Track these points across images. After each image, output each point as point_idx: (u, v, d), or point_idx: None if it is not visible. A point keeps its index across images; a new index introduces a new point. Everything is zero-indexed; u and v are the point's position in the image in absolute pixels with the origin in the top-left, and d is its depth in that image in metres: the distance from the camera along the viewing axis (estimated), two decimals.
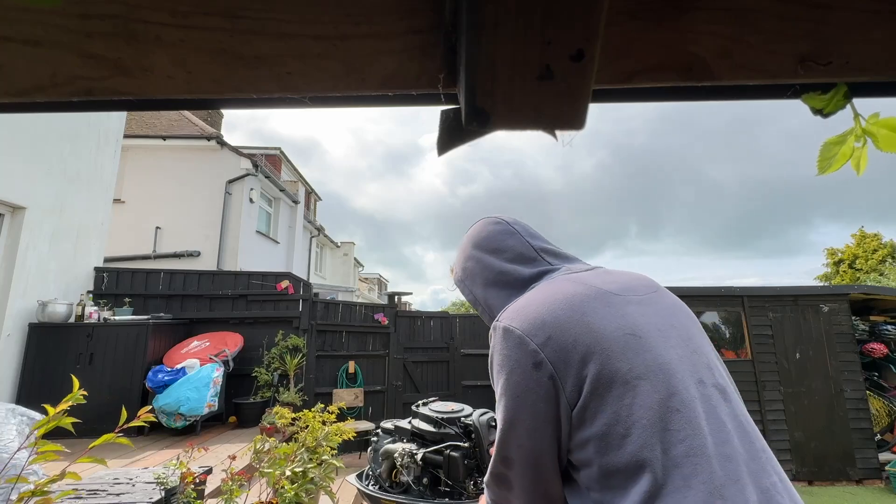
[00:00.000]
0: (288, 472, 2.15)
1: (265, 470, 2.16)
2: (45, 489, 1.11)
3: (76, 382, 1.18)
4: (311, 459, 2.27)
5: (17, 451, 1.08)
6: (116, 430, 1.19)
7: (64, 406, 1.12)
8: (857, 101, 0.38)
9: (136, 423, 1.27)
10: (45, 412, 1.11)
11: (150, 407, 1.39)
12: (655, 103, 0.41)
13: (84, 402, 1.15)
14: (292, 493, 2.14)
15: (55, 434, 1.10)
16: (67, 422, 1.12)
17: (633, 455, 0.60)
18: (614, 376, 0.64)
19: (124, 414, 1.26)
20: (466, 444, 1.29)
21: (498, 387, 0.71)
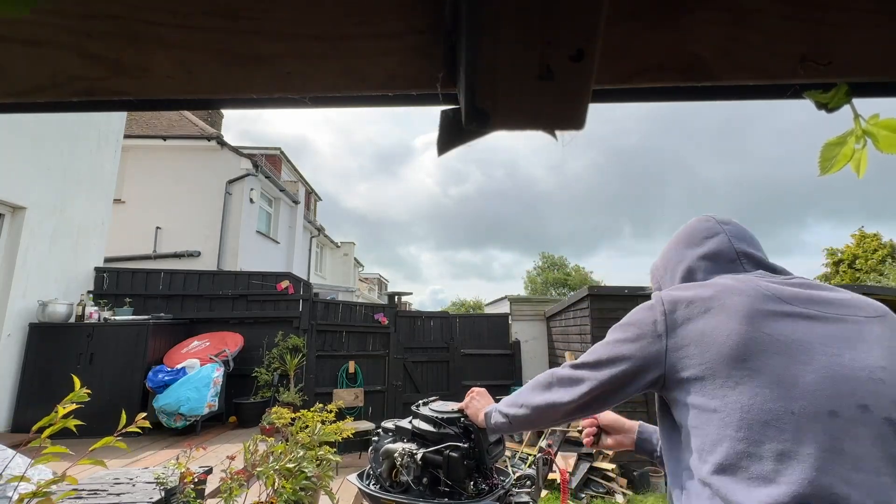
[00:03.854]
0: (277, 467, 2.15)
1: (257, 469, 2.16)
2: (47, 490, 1.11)
3: (77, 382, 1.18)
4: (305, 457, 2.27)
5: (21, 447, 1.08)
6: (115, 434, 1.19)
7: (70, 407, 1.12)
8: (856, 102, 0.38)
9: (131, 428, 1.26)
10: (44, 413, 1.11)
11: (144, 414, 1.39)
12: (652, 103, 0.41)
13: (88, 399, 1.15)
14: (290, 491, 2.14)
15: (56, 434, 1.10)
16: (72, 423, 1.12)
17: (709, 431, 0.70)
18: (720, 362, 0.69)
19: (123, 418, 1.26)
20: (466, 445, 1.29)
21: (618, 325, 0.85)
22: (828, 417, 0.62)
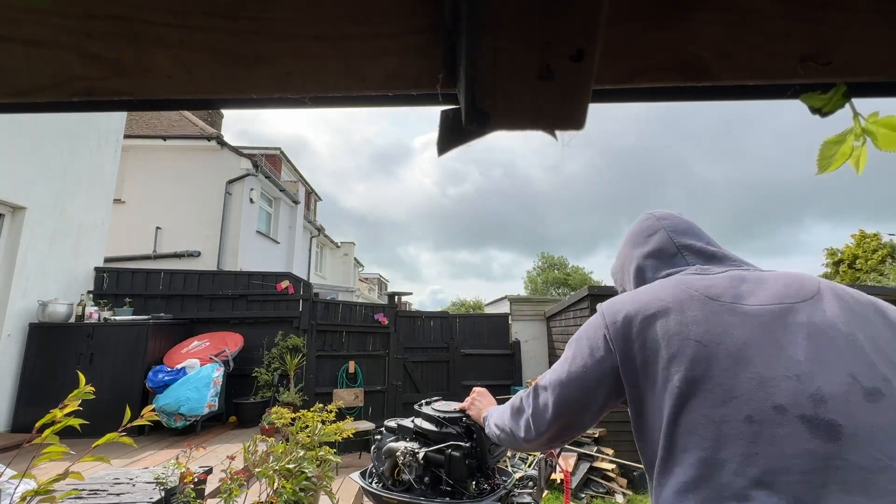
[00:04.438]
0: (277, 467, 2.15)
1: (257, 470, 2.16)
2: (49, 488, 1.11)
3: (83, 378, 1.17)
4: (305, 457, 2.27)
5: (25, 444, 1.08)
6: (120, 430, 1.19)
7: (74, 405, 1.12)
8: (856, 102, 0.38)
9: (139, 422, 1.27)
10: (45, 413, 1.11)
11: (153, 407, 1.39)
12: (651, 103, 0.41)
13: (93, 397, 1.15)
14: (290, 491, 2.14)
15: (57, 433, 1.10)
16: (76, 422, 1.12)
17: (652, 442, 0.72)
18: (659, 371, 0.70)
19: (128, 413, 1.26)
20: (468, 444, 1.29)
21: (571, 342, 0.86)
22: (744, 423, 0.62)
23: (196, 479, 2.29)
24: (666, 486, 0.66)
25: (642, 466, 0.78)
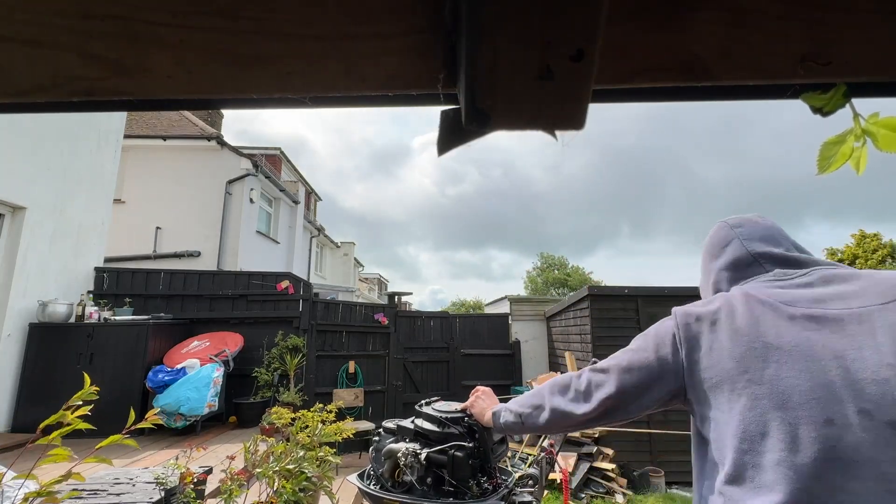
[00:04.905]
0: (277, 468, 2.15)
1: (257, 470, 2.16)
2: (51, 489, 1.11)
3: (87, 379, 1.17)
4: (305, 458, 2.27)
5: (28, 444, 1.08)
6: (124, 431, 1.19)
7: (83, 410, 1.11)
8: (856, 102, 0.38)
9: (143, 424, 1.26)
10: (45, 413, 1.11)
11: (157, 410, 1.39)
12: (650, 103, 0.41)
13: (97, 397, 1.15)
14: (290, 491, 2.14)
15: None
16: (84, 425, 1.12)
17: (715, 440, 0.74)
18: (726, 373, 0.72)
19: (132, 415, 1.26)
20: (470, 444, 1.29)
21: (639, 336, 0.88)
22: (824, 426, 0.62)
23: (196, 480, 2.29)
24: (741, 489, 0.67)
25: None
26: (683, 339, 0.79)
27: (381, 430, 1.50)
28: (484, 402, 1.27)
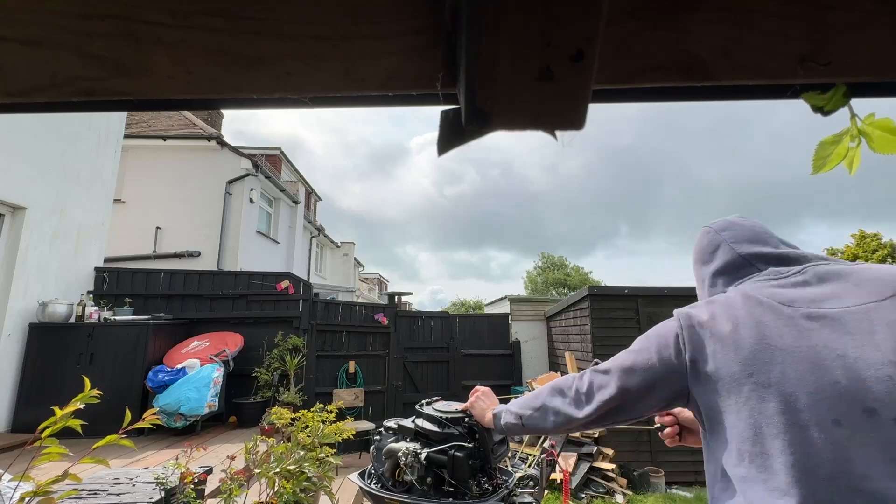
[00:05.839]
0: (278, 469, 2.15)
1: (257, 471, 2.16)
2: (48, 489, 1.11)
3: (87, 382, 1.17)
4: (306, 458, 2.27)
5: (26, 445, 1.08)
6: (120, 432, 1.19)
7: (75, 406, 1.12)
8: (856, 101, 0.38)
9: (140, 424, 1.27)
10: (44, 413, 1.11)
11: (156, 409, 1.39)
12: (649, 104, 0.41)
13: (98, 401, 1.15)
14: (290, 491, 2.14)
15: (57, 434, 1.10)
16: (76, 423, 1.12)
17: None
18: (734, 377, 0.71)
19: (128, 415, 1.26)
20: (471, 445, 1.29)
21: (640, 338, 0.87)
22: (832, 427, 0.62)
23: (196, 480, 2.29)
24: (756, 492, 0.66)
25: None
26: (687, 340, 0.78)
27: (382, 429, 1.50)
28: (484, 403, 1.27)
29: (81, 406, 1.12)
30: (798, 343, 0.68)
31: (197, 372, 5.05)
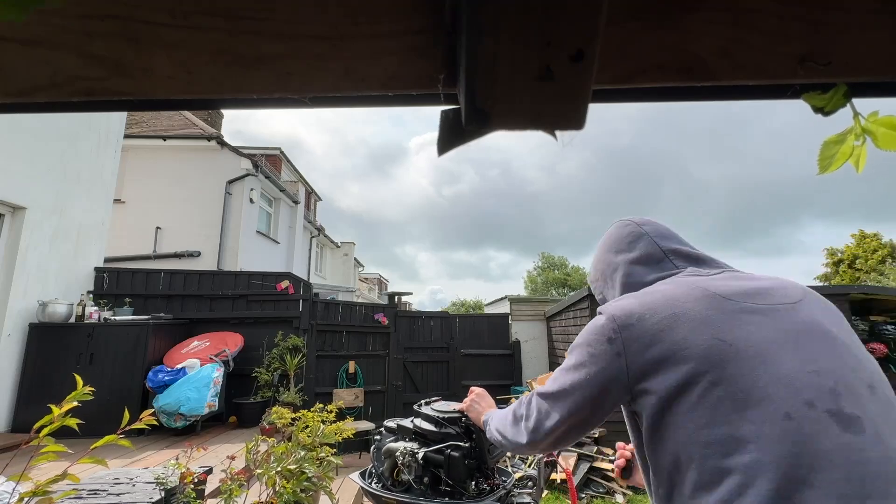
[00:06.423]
0: (279, 469, 2.15)
1: (258, 471, 2.16)
2: (47, 489, 1.11)
3: (80, 380, 1.17)
4: (306, 458, 2.27)
5: (23, 445, 1.08)
6: (118, 432, 1.19)
7: (70, 405, 1.12)
8: (856, 101, 0.38)
9: (137, 425, 1.27)
10: (45, 413, 1.11)
11: (153, 409, 1.40)
12: (649, 104, 0.41)
13: (92, 398, 1.15)
14: (290, 491, 2.14)
15: (56, 433, 1.10)
16: (73, 422, 1.12)
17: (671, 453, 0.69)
18: (686, 374, 0.68)
19: (127, 415, 1.26)
20: (467, 445, 1.29)
21: (572, 348, 0.82)
22: (784, 420, 0.61)
23: (196, 480, 2.29)
24: (713, 496, 0.63)
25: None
26: (623, 340, 0.73)
27: (382, 429, 1.50)
28: (479, 406, 1.26)
29: (78, 404, 1.13)
30: (745, 336, 0.68)
31: (197, 372, 5.05)
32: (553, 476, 4.44)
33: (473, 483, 1.29)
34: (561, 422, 0.82)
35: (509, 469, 1.56)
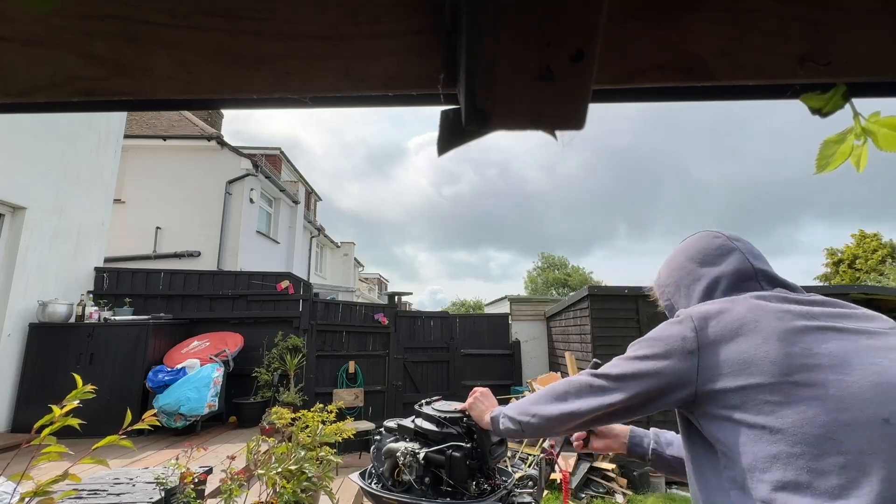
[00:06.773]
0: (279, 469, 2.15)
1: (259, 471, 2.16)
2: (48, 489, 1.11)
3: (79, 380, 1.17)
4: (307, 458, 2.27)
5: (24, 445, 1.08)
6: (120, 433, 1.19)
7: (72, 405, 1.12)
8: (856, 101, 0.38)
9: (139, 425, 1.27)
10: (45, 413, 1.11)
11: (155, 410, 1.39)
12: (649, 104, 0.41)
13: (94, 396, 1.15)
14: (290, 492, 2.14)
15: (57, 433, 1.10)
16: (75, 422, 1.12)
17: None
18: (755, 380, 0.69)
19: (129, 416, 1.26)
20: (469, 445, 1.29)
21: (640, 340, 0.84)
22: (882, 425, 0.62)
23: (196, 480, 2.29)
24: (800, 496, 0.64)
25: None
26: (701, 341, 0.75)
27: (382, 429, 1.50)
28: (482, 405, 1.25)
29: (79, 404, 1.13)
30: (833, 349, 0.69)
31: (197, 372, 5.05)
32: (553, 476, 4.44)
33: (475, 483, 1.29)
34: (610, 405, 0.82)
35: (510, 469, 1.56)
